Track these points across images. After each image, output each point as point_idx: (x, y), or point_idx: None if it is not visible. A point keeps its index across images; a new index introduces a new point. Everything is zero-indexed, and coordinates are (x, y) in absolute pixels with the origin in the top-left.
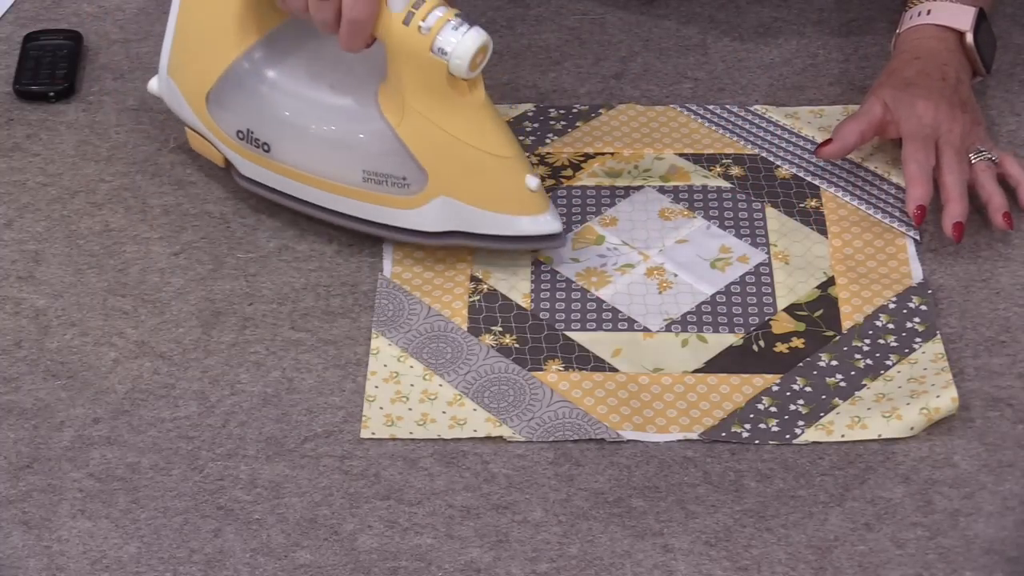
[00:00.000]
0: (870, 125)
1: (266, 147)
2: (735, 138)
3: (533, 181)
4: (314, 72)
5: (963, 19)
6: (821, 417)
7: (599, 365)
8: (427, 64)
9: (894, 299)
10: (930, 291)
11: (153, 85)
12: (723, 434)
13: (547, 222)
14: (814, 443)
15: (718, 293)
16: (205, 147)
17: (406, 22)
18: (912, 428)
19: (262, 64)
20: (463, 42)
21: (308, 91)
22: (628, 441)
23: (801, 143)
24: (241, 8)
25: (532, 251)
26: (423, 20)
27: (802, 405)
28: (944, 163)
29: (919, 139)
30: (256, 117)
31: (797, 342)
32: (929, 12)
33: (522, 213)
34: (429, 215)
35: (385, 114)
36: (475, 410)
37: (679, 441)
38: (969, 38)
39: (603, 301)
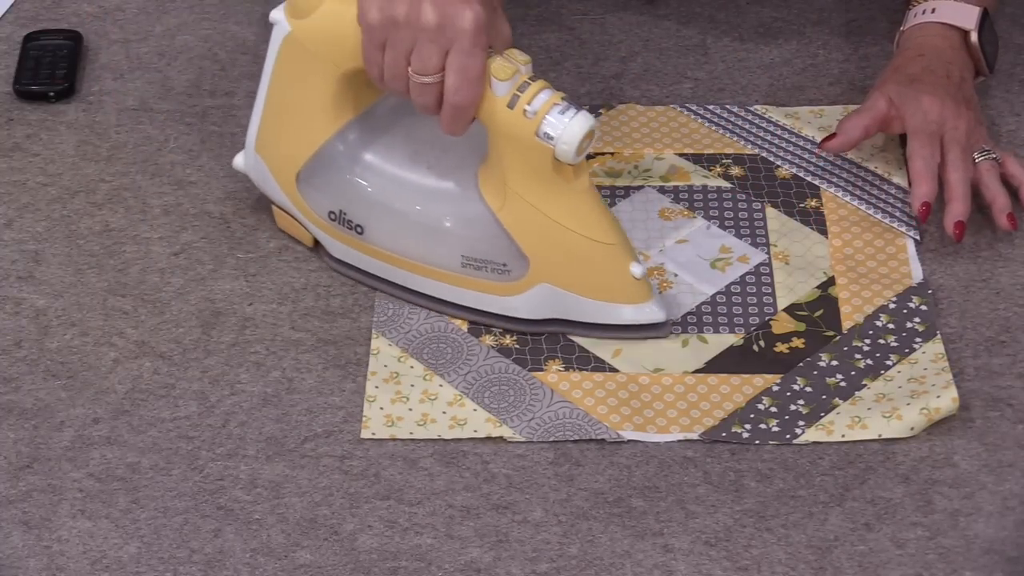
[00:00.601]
0: (874, 120)
1: (359, 229)
2: (735, 138)
3: (638, 269)
4: (411, 151)
5: (968, 18)
6: (821, 417)
7: (599, 365)
8: (532, 149)
9: (894, 299)
10: (930, 291)
11: (239, 161)
12: (723, 434)
13: (651, 311)
14: (814, 443)
15: (718, 293)
16: (293, 226)
17: (511, 105)
18: (912, 428)
19: (357, 143)
20: (570, 127)
21: (405, 172)
22: (628, 441)
23: (801, 143)
24: (336, 86)
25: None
26: (528, 104)
27: (802, 405)
28: (949, 161)
29: (925, 135)
30: (349, 198)
31: (797, 342)
32: (934, 10)
33: (626, 301)
34: (529, 302)
35: (486, 197)
36: (475, 410)
37: (679, 441)
38: (974, 37)
39: None
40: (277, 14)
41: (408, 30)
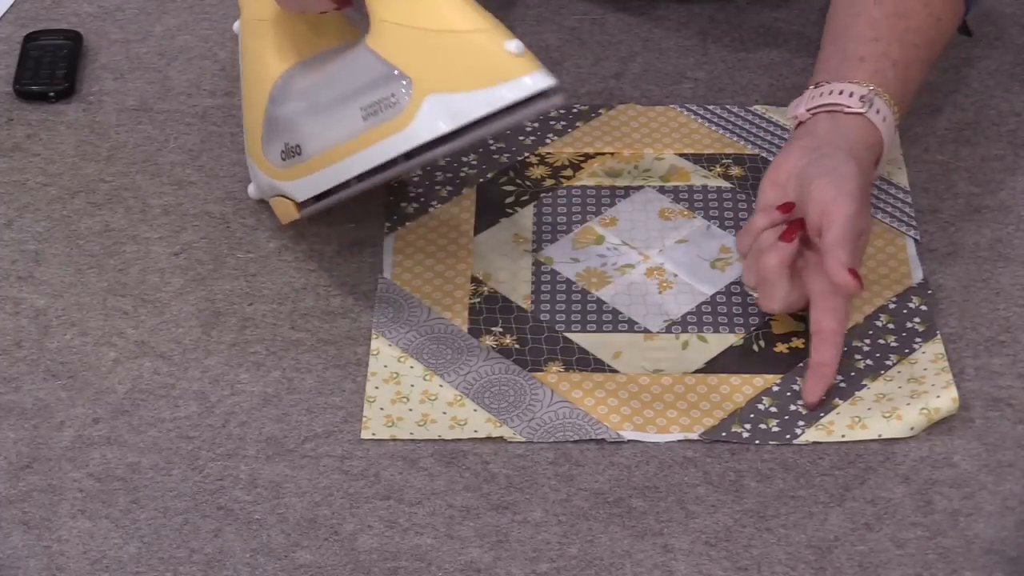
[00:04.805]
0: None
1: (298, 149)
2: (735, 138)
3: (514, 44)
4: (323, 79)
5: (889, 130)
6: (821, 417)
7: (599, 366)
8: None
9: (894, 299)
10: (930, 291)
11: (252, 191)
12: (723, 434)
13: (541, 79)
14: (814, 443)
15: (718, 293)
16: (284, 207)
17: None
18: (912, 428)
19: (281, 96)
20: None
21: (317, 90)
22: (628, 441)
23: None
24: (268, 42)
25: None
26: None
27: (802, 405)
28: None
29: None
30: (286, 128)
31: (797, 342)
32: (878, 111)
33: (512, 78)
34: (424, 123)
35: (367, 41)
36: (475, 411)
37: (679, 441)
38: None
39: (604, 302)
40: (237, 23)
41: None
